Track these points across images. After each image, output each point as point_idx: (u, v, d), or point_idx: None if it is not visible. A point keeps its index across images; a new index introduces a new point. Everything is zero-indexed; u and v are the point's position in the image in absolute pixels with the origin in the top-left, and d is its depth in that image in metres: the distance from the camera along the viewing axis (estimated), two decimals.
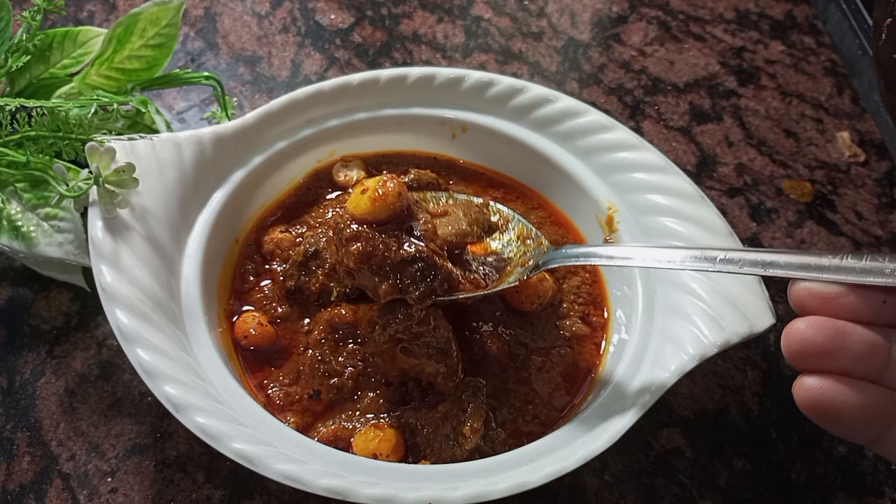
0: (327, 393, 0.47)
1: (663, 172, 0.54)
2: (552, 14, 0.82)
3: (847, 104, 0.75)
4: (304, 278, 0.51)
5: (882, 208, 0.66)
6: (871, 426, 0.32)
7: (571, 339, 0.51)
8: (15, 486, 0.47)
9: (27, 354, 0.53)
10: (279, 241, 0.54)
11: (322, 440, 0.45)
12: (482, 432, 0.44)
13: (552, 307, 0.53)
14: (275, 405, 0.47)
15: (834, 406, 0.32)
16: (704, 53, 0.79)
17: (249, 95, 0.71)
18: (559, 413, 0.48)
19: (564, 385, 0.49)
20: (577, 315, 0.52)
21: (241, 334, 0.49)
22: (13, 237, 0.51)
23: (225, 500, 0.47)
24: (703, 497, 0.49)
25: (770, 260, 0.35)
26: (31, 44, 0.57)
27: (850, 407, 0.32)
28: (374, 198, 0.43)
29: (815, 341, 0.32)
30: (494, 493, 0.39)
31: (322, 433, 0.46)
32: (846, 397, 0.32)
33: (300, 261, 0.51)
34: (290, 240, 0.54)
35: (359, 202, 0.43)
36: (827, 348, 0.32)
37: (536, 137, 0.58)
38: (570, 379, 0.49)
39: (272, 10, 0.79)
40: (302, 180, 0.57)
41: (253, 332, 0.49)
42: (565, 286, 0.54)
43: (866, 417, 0.32)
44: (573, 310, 0.53)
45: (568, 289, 0.54)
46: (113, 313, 0.42)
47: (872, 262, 0.32)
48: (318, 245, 0.51)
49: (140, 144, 0.49)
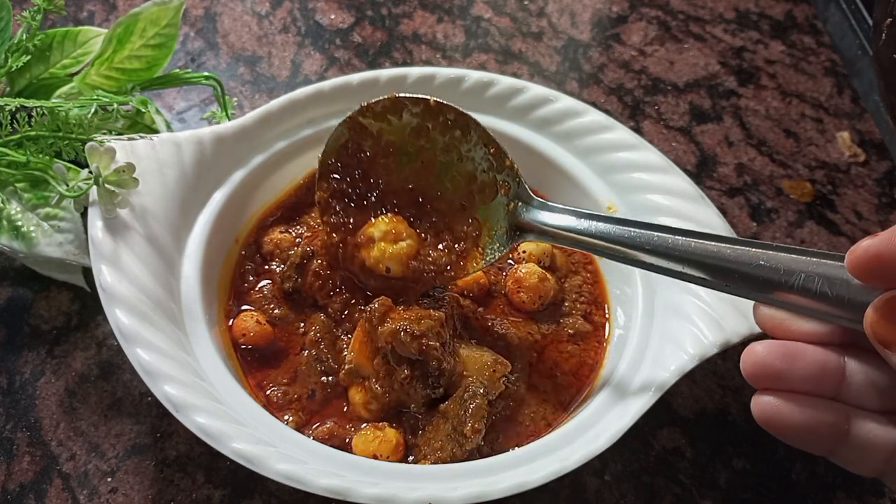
0: (323, 390, 0.47)
1: (663, 172, 0.54)
2: (552, 14, 0.82)
3: (847, 104, 0.75)
4: (301, 280, 0.51)
5: (882, 208, 0.66)
6: (822, 440, 0.35)
7: (576, 336, 0.51)
8: (15, 486, 0.47)
9: (27, 354, 0.53)
10: (279, 241, 0.53)
11: (318, 438, 0.45)
12: (483, 433, 0.44)
13: (554, 306, 0.53)
14: (273, 405, 0.47)
15: (783, 421, 0.35)
16: (704, 53, 0.79)
17: (249, 95, 0.71)
18: (564, 410, 0.48)
19: (571, 381, 0.49)
20: (579, 313, 0.52)
21: (240, 333, 0.49)
22: (13, 237, 0.51)
23: (225, 500, 0.47)
24: (703, 497, 0.49)
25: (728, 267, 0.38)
26: (31, 44, 0.57)
27: (798, 422, 0.35)
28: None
29: (769, 363, 0.35)
30: (494, 493, 0.39)
31: (318, 430, 0.46)
32: (794, 414, 0.35)
33: (298, 262, 0.51)
34: (290, 240, 0.54)
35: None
36: (778, 370, 0.35)
37: (536, 137, 0.58)
38: (577, 375, 0.50)
39: (272, 10, 0.79)
40: (302, 181, 0.57)
41: (251, 331, 0.49)
42: (567, 285, 0.54)
43: (816, 432, 0.35)
44: (575, 308, 0.53)
45: (570, 288, 0.54)
46: (113, 313, 0.42)
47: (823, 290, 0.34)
48: (315, 248, 0.51)
49: (140, 144, 0.49)
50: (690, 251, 0.39)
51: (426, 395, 0.45)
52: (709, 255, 0.39)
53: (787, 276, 0.35)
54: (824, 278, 0.34)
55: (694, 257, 0.39)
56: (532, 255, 0.54)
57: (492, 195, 0.48)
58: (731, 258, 0.38)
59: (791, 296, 0.35)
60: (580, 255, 0.56)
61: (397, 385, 0.45)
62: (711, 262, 0.38)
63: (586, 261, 0.55)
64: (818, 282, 0.34)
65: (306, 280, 0.51)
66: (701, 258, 0.39)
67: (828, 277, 0.34)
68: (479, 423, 0.43)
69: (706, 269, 0.39)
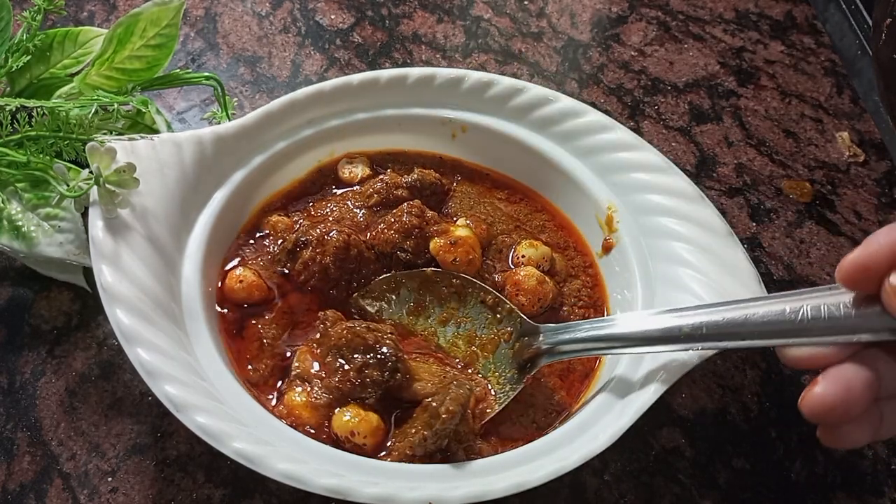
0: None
1: (663, 172, 0.54)
2: (552, 14, 0.82)
3: (847, 104, 0.75)
4: (290, 266, 0.52)
5: (882, 208, 0.67)
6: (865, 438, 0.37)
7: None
8: (15, 486, 0.47)
9: (27, 354, 0.53)
10: (276, 222, 0.54)
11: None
12: (458, 415, 0.43)
13: (552, 310, 0.53)
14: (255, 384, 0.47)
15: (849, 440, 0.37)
16: (704, 53, 0.79)
17: (250, 95, 0.72)
18: (557, 417, 0.48)
19: (562, 389, 0.49)
20: (576, 318, 0.52)
21: (235, 282, 0.50)
22: (13, 237, 0.51)
23: (225, 500, 0.47)
24: (702, 497, 0.49)
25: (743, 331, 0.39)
26: (31, 44, 0.57)
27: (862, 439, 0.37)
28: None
29: (829, 403, 0.35)
30: (494, 493, 0.39)
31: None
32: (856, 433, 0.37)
33: (290, 248, 0.51)
34: (288, 223, 0.54)
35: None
36: (845, 408, 0.36)
37: (536, 138, 0.58)
38: (567, 383, 0.49)
39: (272, 11, 0.79)
40: (305, 177, 0.57)
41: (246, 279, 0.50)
42: (566, 289, 0.54)
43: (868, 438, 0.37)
44: (573, 313, 0.53)
45: (569, 292, 0.54)
46: (113, 313, 0.42)
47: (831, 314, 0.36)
48: (309, 237, 0.51)
49: (140, 144, 0.49)
50: (701, 334, 0.41)
51: (380, 380, 0.45)
52: (724, 330, 0.40)
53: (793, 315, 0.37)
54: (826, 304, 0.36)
55: (708, 338, 0.40)
56: (531, 259, 0.53)
57: (493, 348, 0.49)
58: (744, 323, 0.39)
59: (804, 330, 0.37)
60: (580, 259, 0.56)
61: (353, 373, 0.45)
62: (730, 331, 0.40)
63: (586, 264, 0.55)
64: (823, 309, 0.36)
65: (294, 267, 0.51)
66: (715, 334, 0.40)
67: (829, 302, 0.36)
68: (455, 406, 0.43)
69: (724, 338, 0.40)
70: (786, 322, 0.37)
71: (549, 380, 0.49)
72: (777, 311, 0.37)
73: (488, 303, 0.50)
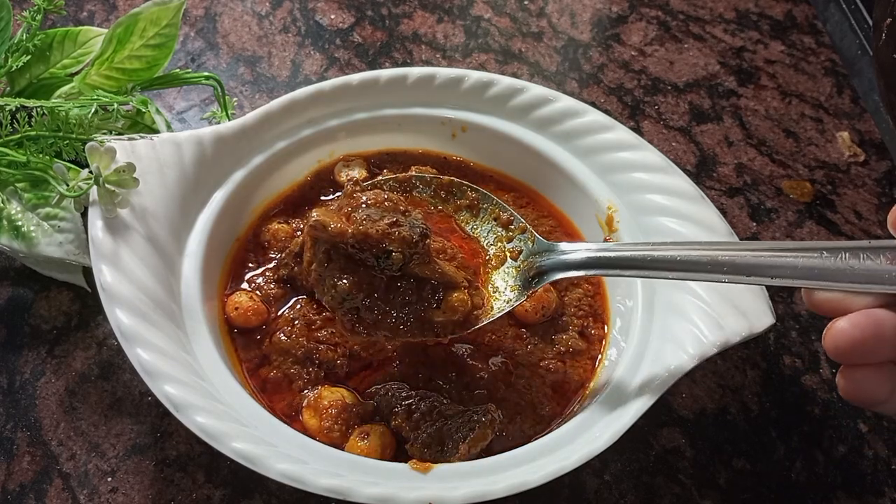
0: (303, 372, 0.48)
1: (663, 172, 0.54)
2: (552, 14, 0.82)
3: (847, 104, 0.75)
4: (297, 269, 0.51)
5: (882, 208, 0.66)
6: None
7: (565, 355, 0.50)
8: (15, 486, 0.47)
9: (27, 354, 0.53)
10: (275, 231, 0.54)
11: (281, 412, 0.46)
12: (475, 455, 0.44)
13: (552, 320, 0.52)
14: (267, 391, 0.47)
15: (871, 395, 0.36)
16: (704, 53, 0.79)
17: (249, 95, 0.71)
18: (547, 426, 0.47)
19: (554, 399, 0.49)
20: (575, 329, 0.52)
21: (232, 307, 0.50)
22: (13, 237, 0.51)
23: (225, 500, 0.47)
24: (702, 497, 0.49)
25: (776, 264, 0.37)
26: (31, 44, 0.57)
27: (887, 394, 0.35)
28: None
29: (863, 337, 0.34)
30: (494, 493, 0.39)
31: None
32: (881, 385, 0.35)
33: (296, 251, 0.51)
34: (288, 231, 0.54)
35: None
36: (874, 342, 0.34)
37: (536, 137, 0.58)
38: (561, 392, 0.49)
39: (272, 10, 0.79)
40: (304, 179, 0.57)
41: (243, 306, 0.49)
42: (567, 298, 0.53)
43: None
44: (572, 323, 0.52)
45: (569, 301, 0.53)
46: (113, 313, 0.42)
47: (870, 264, 0.35)
48: None
49: (140, 144, 0.49)
50: (725, 270, 0.39)
51: (410, 239, 0.43)
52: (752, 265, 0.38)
53: (830, 258, 0.36)
54: (867, 253, 0.35)
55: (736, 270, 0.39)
56: None
57: (499, 264, 0.49)
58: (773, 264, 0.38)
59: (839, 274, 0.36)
60: None
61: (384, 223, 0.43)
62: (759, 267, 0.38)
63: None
64: (862, 256, 0.35)
65: (302, 268, 0.51)
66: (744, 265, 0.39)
67: (869, 252, 0.35)
68: (476, 448, 0.43)
69: (752, 272, 0.39)
70: (820, 266, 0.36)
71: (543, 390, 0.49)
72: (814, 253, 0.36)
73: (502, 220, 0.50)
